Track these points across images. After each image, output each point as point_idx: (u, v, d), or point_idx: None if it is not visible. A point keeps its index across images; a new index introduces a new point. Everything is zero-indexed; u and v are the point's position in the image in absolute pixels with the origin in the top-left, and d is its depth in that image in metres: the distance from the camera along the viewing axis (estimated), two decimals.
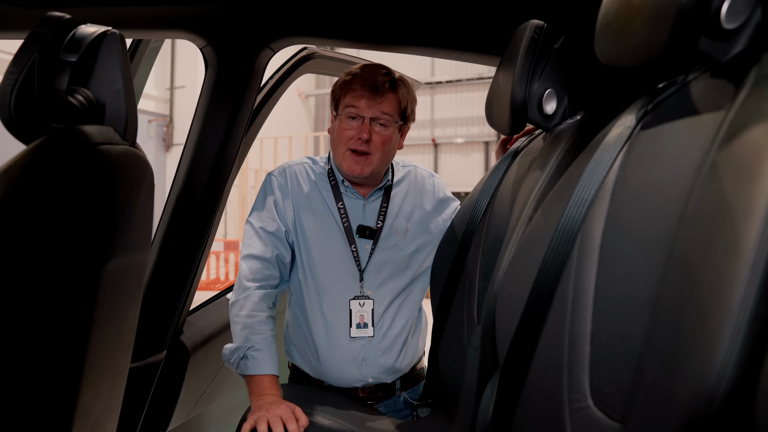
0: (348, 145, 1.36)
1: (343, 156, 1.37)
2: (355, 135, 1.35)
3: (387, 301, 1.41)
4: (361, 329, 1.38)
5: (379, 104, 1.35)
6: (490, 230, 1.24)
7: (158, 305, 1.55)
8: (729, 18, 0.56)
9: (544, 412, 0.70)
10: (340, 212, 1.41)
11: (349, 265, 1.39)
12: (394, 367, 1.41)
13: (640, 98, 0.73)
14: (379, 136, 1.36)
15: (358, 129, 1.35)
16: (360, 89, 1.35)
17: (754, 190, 0.45)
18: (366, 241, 1.41)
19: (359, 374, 1.38)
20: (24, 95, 0.77)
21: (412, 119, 1.45)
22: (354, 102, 1.35)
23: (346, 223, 1.40)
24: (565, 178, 0.85)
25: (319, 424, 1.20)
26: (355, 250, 1.39)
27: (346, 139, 1.36)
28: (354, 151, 1.36)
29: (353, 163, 1.36)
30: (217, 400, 1.90)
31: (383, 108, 1.35)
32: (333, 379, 1.39)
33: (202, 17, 1.39)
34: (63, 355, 0.80)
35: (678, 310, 0.50)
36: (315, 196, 1.42)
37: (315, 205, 1.41)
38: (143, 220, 0.99)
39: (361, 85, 1.35)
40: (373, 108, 1.35)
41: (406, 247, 1.44)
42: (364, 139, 1.34)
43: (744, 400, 0.42)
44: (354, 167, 1.37)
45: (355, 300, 1.38)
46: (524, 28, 1.10)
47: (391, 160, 1.44)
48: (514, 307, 0.80)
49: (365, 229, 1.40)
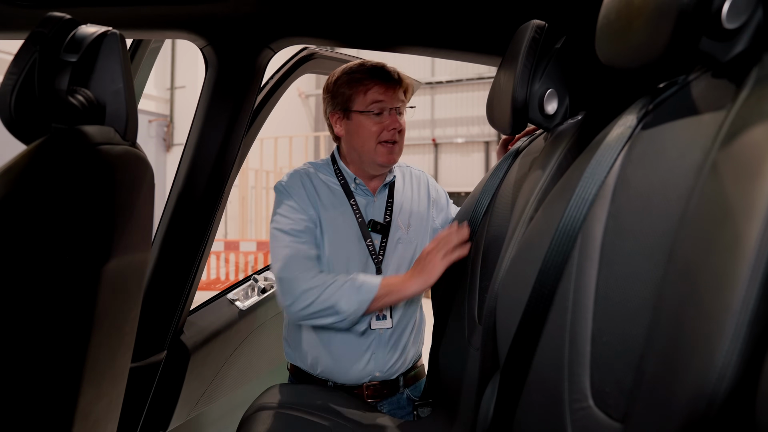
0: (381, 138, 1.40)
1: (375, 151, 1.41)
2: (386, 127, 1.39)
3: None
4: (381, 321, 1.42)
5: (399, 93, 1.41)
6: (490, 230, 1.24)
7: (159, 305, 1.56)
8: (730, 18, 0.56)
9: (545, 412, 0.70)
10: (354, 209, 1.44)
11: (366, 259, 1.42)
12: (400, 362, 1.44)
13: (641, 98, 0.73)
14: (401, 124, 1.42)
15: (389, 121, 1.39)
16: (383, 82, 1.39)
17: (755, 190, 0.45)
18: (377, 235, 1.45)
19: (367, 369, 1.40)
20: (24, 95, 0.77)
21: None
22: (379, 96, 1.39)
23: (360, 218, 1.44)
24: (565, 177, 0.85)
25: (319, 424, 1.20)
26: (371, 244, 1.43)
27: (376, 134, 1.40)
28: (385, 143, 1.40)
29: (388, 154, 1.41)
30: (217, 400, 1.90)
31: (401, 96, 1.42)
32: (340, 375, 1.41)
33: (202, 17, 1.39)
34: (63, 355, 0.80)
35: (679, 310, 0.50)
36: (327, 195, 1.44)
37: (328, 203, 1.43)
38: (143, 220, 0.99)
39: (382, 78, 1.39)
40: (396, 98, 1.40)
41: (410, 241, 1.47)
42: (398, 128, 1.40)
43: (745, 401, 0.42)
44: (390, 158, 1.41)
45: None
46: (525, 28, 1.10)
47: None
48: (514, 306, 0.80)
49: (377, 224, 1.44)
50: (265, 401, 1.35)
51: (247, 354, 1.94)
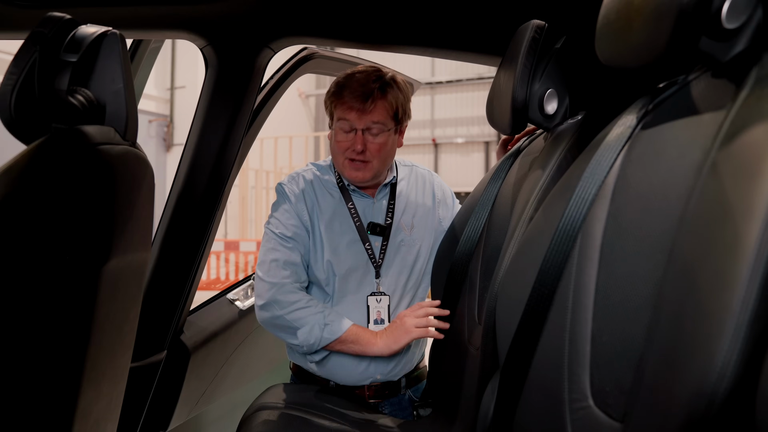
0: (345, 155, 1.38)
1: (342, 165, 1.39)
2: (350, 146, 1.36)
3: (398, 297, 1.43)
4: (379, 325, 1.40)
5: (369, 114, 1.34)
6: (491, 230, 1.24)
7: (159, 305, 1.55)
8: (730, 18, 0.56)
9: (545, 412, 0.70)
10: (351, 212, 1.43)
11: (364, 262, 1.41)
12: (402, 364, 1.42)
13: (640, 98, 0.73)
14: (373, 144, 1.36)
15: (352, 140, 1.36)
16: (350, 101, 1.34)
17: (755, 190, 0.45)
18: (377, 237, 1.43)
19: (368, 372, 1.39)
20: (24, 95, 0.77)
21: (408, 116, 1.45)
22: (345, 115, 1.35)
23: (358, 222, 1.42)
24: (565, 177, 0.85)
25: (319, 423, 1.20)
26: (369, 248, 1.42)
27: (342, 150, 1.38)
28: (352, 160, 1.37)
29: (353, 170, 1.38)
30: (217, 400, 1.90)
31: (374, 117, 1.35)
32: (341, 377, 1.40)
33: (202, 17, 1.39)
34: (63, 354, 0.80)
35: (678, 310, 0.50)
36: (326, 198, 1.44)
37: (327, 207, 1.43)
38: (143, 220, 0.99)
39: (350, 97, 1.34)
40: (364, 119, 1.35)
41: (413, 243, 1.46)
42: (358, 150, 1.35)
43: (744, 400, 0.42)
44: (355, 174, 1.38)
45: (373, 296, 1.41)
46: (525, 28, 1.10)
47: (391, 161, 1.46)
48: (514, 306, 0.80)
49: (376, 226, 1.42)
50: (265, 401, 1.34)
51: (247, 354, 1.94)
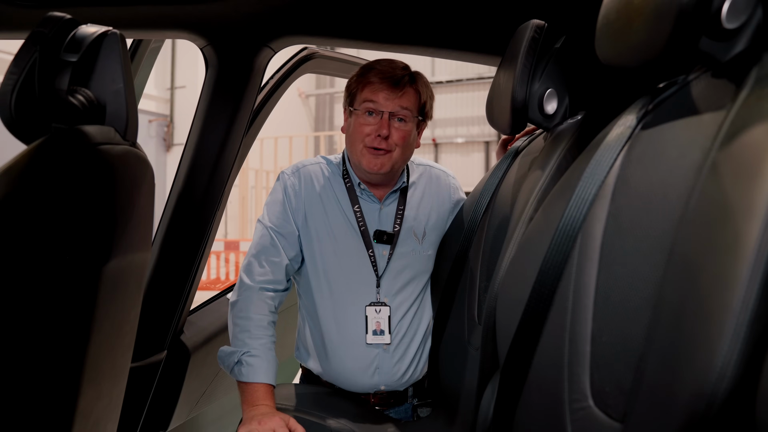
0: (365, 142, 1.29)
1: (361, 153, 1.30)
2: (374, 131, 1.28)
3: (404, 308, 1.35)
4: (378, 336, 1.32)
5: (399, 98, 1.28)
6: (490, 230, 1.24)
7: (159, 305, 1.55)
8: (730, 18, 0.56)
9: (545, 412, 0.70)
10: (357, 216, 1.34)
11: (365, 270, 1.33)
12: (408, 375, 1.36)
13: (640, 98, 0.73)
14: (398, 132, 1.29)
15: (377, 125, 1.28)
16: (379, 82, 1.28)
17: (755, 189, 0.45)
18: (383, 246, 1.35)
19: (372, 382, 1.33)
20: (25, 95, 0.77)
21: (430, 116, 1.39)
22: (372, 96, 1.28)
23: (363, 227, 1.34)
24: (565, 177, 0.85)
25: (318, 424, 1.20)
26: (373, 256, 1.34)
27: (363, 136, 1.29)
28: (372, 148, 1.29)
29: (373, 158, 1.29)
30: (217, 400, 1.90)
31: (403, 102, 1.28)
32: (344, 384, 1.35)
33: (202, 17, 1.39)
34: (63, 354, 0.80)
35: (679, 310, 0.50)
36: (329, 198, 1.35)
37: (329, 207, 1.35)
38: (143, 220, 0.99)
39: (379, 78, 1.28)
40: (393, 102, 1.28)
41: (425, 252, 1.38)
42: (383, 135, 1.27)
43: (745, 400, 0.42)
44: (374, 162, 1.29)
45: (371, 306, 1.33)
46: (525, 27, 1.10)
47: (410, 157, 1.39)
48: (514, 306, 0.80)
49: (383, 234, 1.34)
50: None
51: None
